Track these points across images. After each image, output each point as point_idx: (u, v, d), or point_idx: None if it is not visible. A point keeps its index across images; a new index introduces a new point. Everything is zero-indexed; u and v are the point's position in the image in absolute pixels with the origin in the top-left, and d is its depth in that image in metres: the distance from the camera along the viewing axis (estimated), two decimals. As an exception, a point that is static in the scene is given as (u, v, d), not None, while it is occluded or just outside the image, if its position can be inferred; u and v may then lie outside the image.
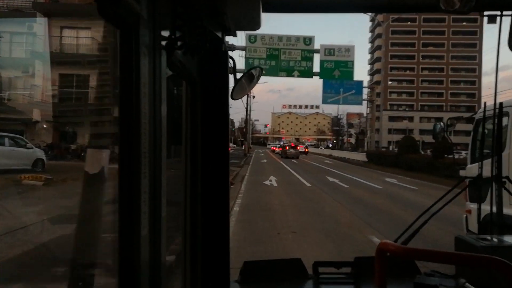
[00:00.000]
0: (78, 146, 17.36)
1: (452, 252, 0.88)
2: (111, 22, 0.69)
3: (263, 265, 1.56)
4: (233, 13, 1.25)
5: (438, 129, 2.11)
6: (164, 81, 0.83)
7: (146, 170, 0.74)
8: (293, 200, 11.26)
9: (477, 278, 1.27)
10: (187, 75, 1.16)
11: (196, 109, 1.26)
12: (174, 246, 1.45)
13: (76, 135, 17.99)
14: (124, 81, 0.71)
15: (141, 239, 0.72)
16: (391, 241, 0.95)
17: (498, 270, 0.78)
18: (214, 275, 1.30)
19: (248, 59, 20.11)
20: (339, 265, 1.53)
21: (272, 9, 1.33)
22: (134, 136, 0.71)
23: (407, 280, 1.22)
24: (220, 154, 1.30)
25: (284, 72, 20.65)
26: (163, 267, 0.83)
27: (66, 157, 15.48)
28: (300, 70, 20.60)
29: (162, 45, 0.83)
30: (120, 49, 0.71)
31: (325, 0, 1.37)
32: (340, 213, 9.35)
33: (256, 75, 1.39)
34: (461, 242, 1.45)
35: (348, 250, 5.92)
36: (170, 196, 0.95)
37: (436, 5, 1.14)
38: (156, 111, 0.79)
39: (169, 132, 0.90)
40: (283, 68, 20.57)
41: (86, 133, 18.42)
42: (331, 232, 7.16)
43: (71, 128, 17.42)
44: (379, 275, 0.89)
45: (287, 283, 1.53)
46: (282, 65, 20.52)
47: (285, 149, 41.60)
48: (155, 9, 0.79)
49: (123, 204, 0.71)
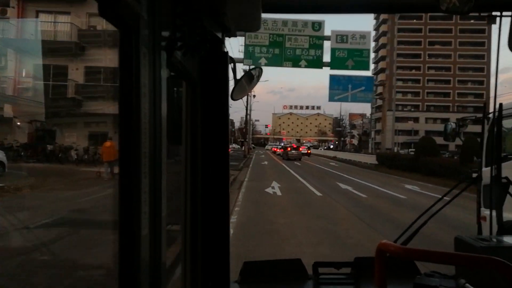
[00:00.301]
0: (57, 146, 15.98)
1: (452, 252, 0.89)
2: (111, 22, 0.70)
3: (263, 265, 1.59)
4: (233, 13, 1.28)
5: (449, 130, 2.08)
6: (164, 82, 0.85)
7: (146, 170, 0.76)
8: (303, 216, 8.98)
9: (477, 278, 1.29)
10: (187, 75, 1.18)
11: (196, 109, 1.28)
12: (174, 246, 1.49)
13: (55, 134, 16.40)
14: (124, 81, 0.73)
15: (141, 239, 0.74)
16: (390, 241, 0.98)
17: (498, 271, 0.79)
18: (214, 275, 1.32)
19: (248, 46, 17.97)
20: (339, 266, 1.56)
21: (272, 9, 1.36)
22: (134, 136, 0.73)
23: (407, 281, 1.24)
24: (220, 155, 1.33)
25: (289, 62, 18.14)
26: (163, 267, 0.84)
27: (42, 159, 14.42)
28: (308, 60, 18.09)
29: (162, 46, 0.85)
30: (120, 49, 0.73)
31: (325, 0, 1.39)
32: (370, 237, 6.87)
33: (256, 75, 1.42)
34: (460, 243, 1.48)
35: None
36: (170, 196, 0.97)
37: (436, 5, 1.16)
38: (156, 111, 0.80)
39: (169, 132, 0.92)
40: (288, 57, 18.05)
41: (67, 131, 16.94)
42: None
43: (46, 126, 15.73)
44: (379, 276, 0.91)
45: (287, 283, 1.55)
46: (287, 53, 18.00)
47: (287, 151, 40.74)
48: (155, 9, 0.80)
49: (123, 204, 0.72)
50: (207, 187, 1.32)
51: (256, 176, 19.55)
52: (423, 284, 1.20)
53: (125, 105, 0.73)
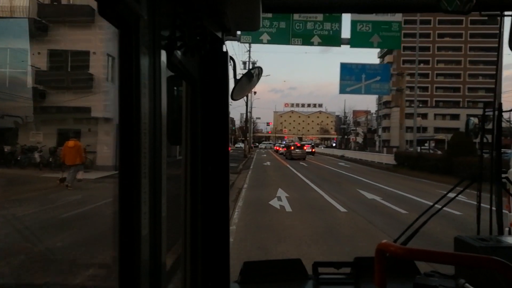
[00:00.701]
0: (18, 147, 13.90)
1: (452, 252, 0.91)
2: (111, 22, 0.73)
3: (263, 265, 1.64)
4: (233, 13, 1.31)
5: (471, 125, 2.07)
6: (164, 81, 0.87)
7: (146, 170, 0.78)
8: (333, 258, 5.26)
9: (476, 278, 1.33)
10: (187, 75, 1.21)
11: (196, 109, 1.32)
12: (174, 246, 1.53)
13: (13, 132, 14.07)
14: (124, 81, 0.75)
15: (141, 239, 0.76)
16: (390, 241, 1.02)
17: (498, 271, 0.82)
18: (214, 275, 1.36)
19: (248, 20, 16.33)
20: (339, 266, 1.60)
21: (272, 9, 1.40)
22: (134, 136, 0.75)
23: (407, 281, 1.29)
24: (220, 154, 1.37)
25: (298, 39, 15.43)
26: (163, 267, 0.86)
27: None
28: (322, 36, 15.28)
29: (162, 45, 0.87)
30: (120, 49, 0.75)
31: (324, 0, 1.43)
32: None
33: (256, 74, 1.46)
34: (460, 243, 1.51)
35: None
36: (170, 196, 0.99)
37: (436, 5, 1.20)
38: (156, 111, 0.82)
39: (169, 132, 0.95)
40: (297, 33, 15.37)
41: (31, 129, 14.64)
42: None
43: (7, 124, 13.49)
44: (378, 276, 0.93)
45: (287, 283, 1.60)
46: (295, 28, 15.29)
47: (290, 150, 38.70)
48: (155, 9, 0.82)
49: (123, 204, 0.74)
50: (207, 187, 1.36)
51: (258, 182, 16.75)
52: (423, 284, 1.24)
53: (125, 105, 0.75)
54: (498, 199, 1.76)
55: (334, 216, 9.15)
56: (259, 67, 1.54)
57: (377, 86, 19.29)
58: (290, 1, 1.50)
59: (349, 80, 18.87)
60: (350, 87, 19.08)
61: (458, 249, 1.52)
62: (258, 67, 1.53)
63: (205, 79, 1.33)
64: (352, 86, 19.06)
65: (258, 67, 1.54)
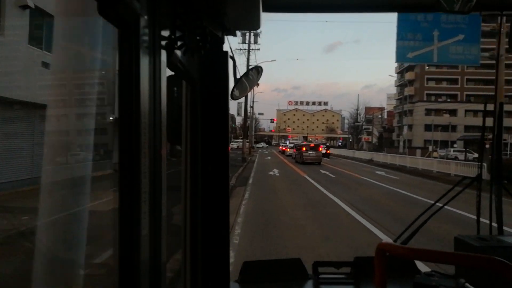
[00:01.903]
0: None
1: (452, 252, 0.97)
2: (111, 22, 0.77)
3: (263, 265, 1.72)
4: (233, 13, 1.38)
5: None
6: (164, 81, 0.92)
7: (146, 170, 0.83)
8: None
9: (476, 278, 1.40)
10: (187, 75, 1.28)
11: (196, 109, 1.39)
12: (174, 246, 1.66)
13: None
14: (123, 81, 0.80)
15: (141, 239, 0.81)
16: (390, 241, 1.16)
17: (497, 270, 0.88)
18: (214, 275, 1.44)
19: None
20: (339, 265, 1.69)
21: (272, 9, 1.47)
22: (134, 136, 0.80)
23: (407, 280, 1.36)
24: (220, 154, 1.44)
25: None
26: (163, 267, 0.92)
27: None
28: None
29: (162, 45, 0.93)
30: (120, 49, 0.80)
31: (325, 0, 1.51)
32: None
33: (256, 74, 1.54)
34: (460, 242, 1.59)
35: None
36: (170, 196, 1.04)
37: (436, 5, 1.26)
38: (156, 111, 0.88)
39: (169, 132, 0.99)
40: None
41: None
42: None
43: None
44: (378, 275, 1.00)
45: (287, 283, 1.68)
46: None
47: (301, 151, 32.68)
48: (155, 9, 0.88)
49: (123, 204, 0.79)
50: (207, 186, 1.43)
51: (261, 217, 9.42)
52: (423, 284, 1.31)
53: (125, 105, 0.80)
54: (498, 199, 1.89)
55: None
56: (259, 66, 1.62)
57: (460, 50, 11.84)
58: (290, 1, 1.58)
59: (412, 39, 12.14)
60: (414, 52, 12.25)
61: (458, 248, 1.63)
62: (258, 66, 1.60)
63: (205, 79, 1.40)
64: (417, 50, 12.14)
65: (258, 66, 1.62)
